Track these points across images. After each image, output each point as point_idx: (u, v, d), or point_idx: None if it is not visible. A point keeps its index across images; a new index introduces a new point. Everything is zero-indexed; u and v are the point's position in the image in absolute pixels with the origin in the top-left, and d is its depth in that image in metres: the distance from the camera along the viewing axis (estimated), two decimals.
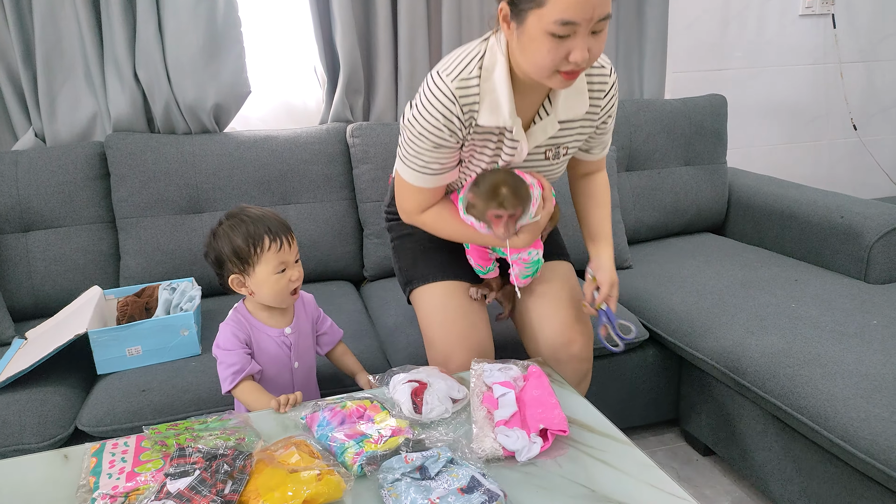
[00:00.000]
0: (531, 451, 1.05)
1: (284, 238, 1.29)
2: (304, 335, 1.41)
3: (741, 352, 1.59)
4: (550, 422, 1.10)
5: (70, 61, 1.97)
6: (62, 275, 1.90)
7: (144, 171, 1.94)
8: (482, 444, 1.06)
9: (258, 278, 1.29)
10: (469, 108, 1.22)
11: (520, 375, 1.25)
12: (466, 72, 1.20)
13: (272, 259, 1.27)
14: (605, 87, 1.32)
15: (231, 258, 1.29)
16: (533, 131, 1.30)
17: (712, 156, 2.45)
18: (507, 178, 1.24)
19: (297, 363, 1.38)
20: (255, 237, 1.27)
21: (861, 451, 1.25)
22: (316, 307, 1.47)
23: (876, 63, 2.89)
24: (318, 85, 2.26)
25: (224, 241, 1.29)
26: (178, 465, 0.96)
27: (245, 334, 1.33)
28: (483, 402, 1.17)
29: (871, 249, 1.91)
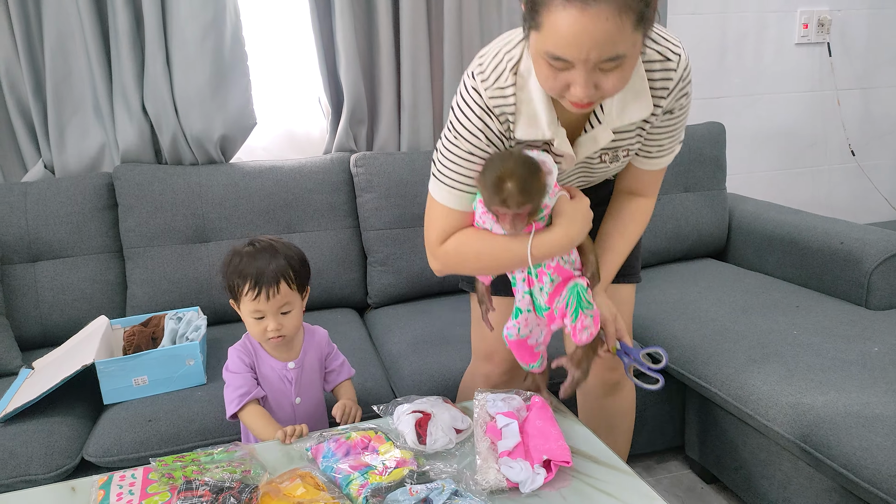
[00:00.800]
0: (535, 482, 1.06)
1: (265, 290, 1.26)
2: (310, 371, 1.41)
3: (744, 380, 1.59)
4: (553, 452, 1.10)
5: (79, 94, 2.01)
6: (69, 304, 1.92)
7: (152, 202, 1.97)
8: (486, 476, 1.06)
9: (242, 313, 1.33)
10: (506, 118, 1.09)
11: (523, 406, 1.24)
12: (501, 80, 1.06)
13: (248, 304, 1.29)
14: (669, 85, 1.10)
15: (227, 288, 1.33)
16: (581, 142, 1.14)
17: (712, 182, 2.47)
18: (516, 169, 1.04)
19: (298, 399, 1.38)
20: (239, 275, 1.28)
21: (864, 480, 1.26)
22: (329, 344, 1.46)
23: (872, 90, 2.93)
24: (322, 115, 2.30)
25: (225, 266, 1.33)
26: (185, 499, 0.97)
27: (250, 360, 1.36)
28: (486, 433, 1.16)
29: (871, 275, 1.93)
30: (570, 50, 0.91)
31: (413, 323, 1.97)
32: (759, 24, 2.71)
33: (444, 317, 2.00)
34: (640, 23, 0.91)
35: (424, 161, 2.19)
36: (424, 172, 2.16)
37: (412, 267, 2.14)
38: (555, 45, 0.91)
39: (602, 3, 0.86)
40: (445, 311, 2.04)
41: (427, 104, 2.27)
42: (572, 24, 0.88)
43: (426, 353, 1.77)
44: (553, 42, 0.91)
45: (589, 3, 0.86)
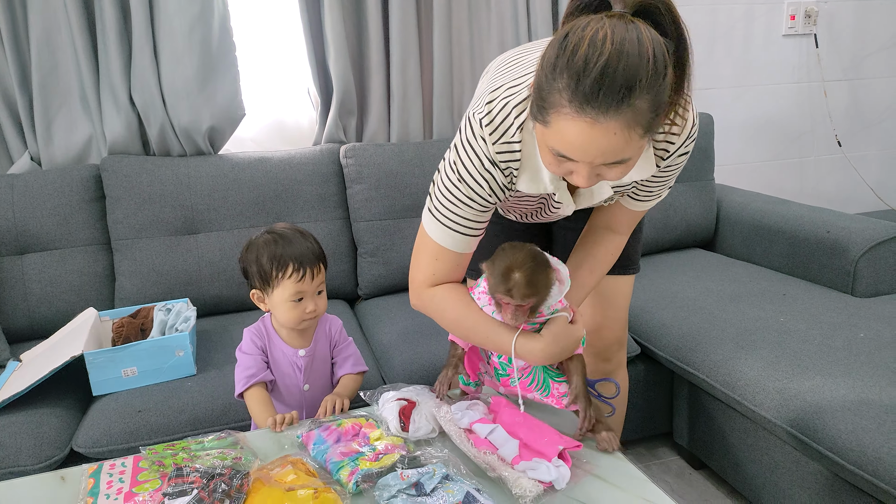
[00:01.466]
0: (565, 476, 1.02)
1: (309, 269, 1.30)
2: (321, 360, 1.42)
3: (731, 366, 1.61)
4: (562, 442, 1.08)
5: (66, 86, 2.00)
6: (58, 297, 1.91)
7: (140, 193, 1.95)
8: (521, 485, 1.00)
9: (275, 300, 1.32)
10: (510, 172, 1.09)
11: (486, 409, 1.20)
12: (508, 135, 1.04)
13: (290, 287, 1.29)
14: (671, 148, 1.10)
15: (255, 274, 1.32)
16: (582, 193, 1.16)
17: (700, 173, 2.49)
18: (526, 262, 1.06)
19: (307, 386, 1.39)
20: (280, 260, 1.28)
21: (850, 462, 1.27)
22: (340, 333, 1.45)
23: (858, 81, 2.95)
24: (311, 106, 2.30)
25: (253, 255, 1.32)
26: (176, 485, 0.97)
27: (263, 343, 1.37)
28: (478, 447, 1.10)
29: (857, 263, 1.95)
30: (576, 154, 0.90)
31: (403, 314, 1.97)
32: (747, 15, 2.73)
33: None
34: (648, 132, 0.89)
35: (414, 152, 2.18)
36: (414, 163, 2.16)
37: (402, 258, 2.14)
38: (560, 146, 0.91)
39: (612, 119, 0.85)
40: None
41: (417, 95, 2.27)
42: (580, 134, 0.87)
43: (416, 343, 1.78)
44: (559, 143, 0.91)
45: (599, 119, 0.85)
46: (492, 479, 1.04)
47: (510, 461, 1.06)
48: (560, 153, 0.92)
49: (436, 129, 2.34)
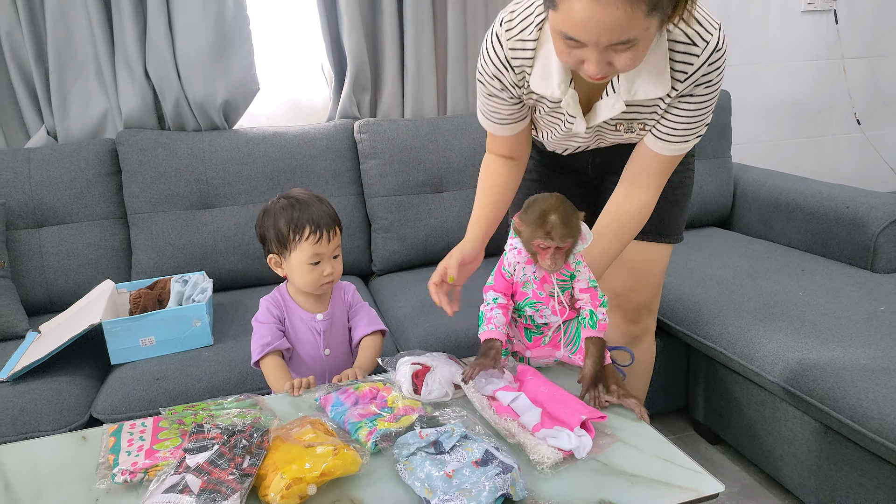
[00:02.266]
0: (586, 445, 1.01)
1: (326, 231, 1.30)
2: (339, 324, 1.42)
3: (749, 338, 1.60)
4: (586, 411, 1.06)
5: (81, 60, 2.00)
6: (75, 269, 1.92)
7: (155, 168, 1.96)
8: (540, 452, 0.99)
9: (292, 264, 1.32)
10: (522, 70, 1.15)
11: (512, 378, 1.20)
12: (525, 33, 1.11)
13: (308, 249, 1.30)
14: (689, 69, 1.09)
15: (272, 238, 1.32)
16: (595, 107, 1.16)
17: (717, 150, 2.46)
18: (559, 206, 1.10)
19: (327, 350, 1.40)
20: (297, 223, 1.29)
21: (871, 430, 1.26)
22: (354, 295, 1.46)
23: (879, 58, 2.91)
24: (325, 82, 2.29)
25: (270, 220, 1.32)
26: (196, 441, 0.97)
27: (280, 311, 1.37)
28: (500, 413, 1.09)
29: (877, 239, 1.93)
30: (582, 33, 0.93)
31: (418, 288, 1.97)
32: None
33: None
34: (655, 9, 0.91)
35: (429, 127, 2.18)
36: (429, 139, 2.16)
37: (417, 234, 2.14)
38: (567, 26, 0.94)
39: None
40: None
41: (431, 70, 2.26)
42: (584, 9, 0.90)
43: (432, 315, 1.77)
44: (566, 24, 0.94)
45: None
46: (511, 446, 1.03)
47: (531, 429, 1.05)
48: (568, 35, 0.95)
49: (450, 104, 2.33)
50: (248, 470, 0.93)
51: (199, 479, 0.90)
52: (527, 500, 0.91)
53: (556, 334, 1.24)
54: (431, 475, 0.93)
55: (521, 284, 1.22)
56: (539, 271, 1.19)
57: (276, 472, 0.92)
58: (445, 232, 2.15)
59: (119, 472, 0.97)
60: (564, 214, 1.09)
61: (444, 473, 0.93)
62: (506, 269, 1.22)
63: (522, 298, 1.24)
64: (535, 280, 1.21)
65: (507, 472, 0.92)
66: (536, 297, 1.22)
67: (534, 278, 1.21)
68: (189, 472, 0.92)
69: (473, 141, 2.19)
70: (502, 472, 0.92)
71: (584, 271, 1.20)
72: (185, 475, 0.91)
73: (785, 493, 1.63)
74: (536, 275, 1.20)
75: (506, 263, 1.22)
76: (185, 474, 0.92)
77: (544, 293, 1.21)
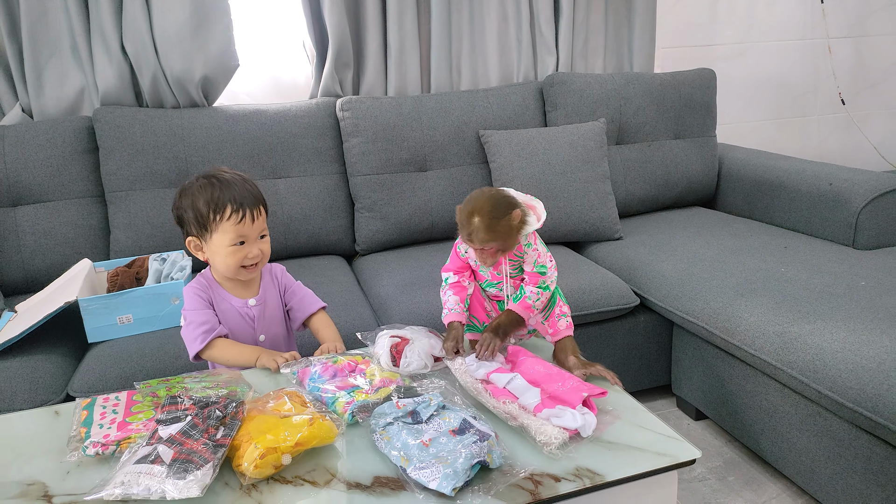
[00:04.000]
0: (591, 423, 0.99)
1: (249, 211, 1.21)
2: (272, 308, 1.35)
3: (731, 312, 1.60)
4: (586, 388, 1.05)
5: (56, 34, 1.96)
6: (52, 249, 1.89)
7: (133, 145, 1.93)
8: (546, 432, 0.95)
9: (213, 246, 1.24)
10: None
11: (503, 359, 1.20)
12: None
13: (230, 230, 1.21)
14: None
15: (191, 220, 1.23)
16: None
17: (702, 129, 2.46)
18: (485, 207, 1.14)
19: (262, 336, 1.33)
20: (217, 203, 1.20)
21: (849, 400, 1.27)
22: (285, 275, 1.40)
23: (863, 38, 2.91)
24: (307, 60, 2.26)
25: (188, 200, 1.23)
26: (169, 412, 0.96)
27: (208, 296, 1.29)
28: (497, 396, 1.07)
29: (859, 215, 1.93)
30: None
31: (402, 267, 1.96)
32: None
33: (434, 261, 1.98)
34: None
35: (412, 105, 2.15)
36: (412, 116, 2.13)
37: (400, 213, 2.12)
38: None
39: None
40: (435, 256, 2.03)
41: (414, 48, 2.23)
42: None
43: (415, 293, 1.76)
44: None
45: None
46: (513, 429, 1.00)
47: (532, 410, 1.02)
48: None
49: (434, 82, 2.31)
50: (221, 440, 0.92)
51: (172, 449, 0.89)
52: (504, 468, 0.91)
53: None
54: (408, 444, 0.92)
55: (478, 267, 1.27)
56: None
57: (250, 443, 0.91)
58: (429, 211, 2.14)
59: (90, 444, 0.96)
60: (490, 217, 1.13)
61: (420, 442, 0.92)
62: (460, 248, 1.26)
63: (482, 280, 1.28)
64: None
65: (485, 439, 0.92)
66: (494, 276, 1.26)
67: None
68: (161, 443, 0.90)
69: (457, 119, 2.17)
70: (479, 439, 0.92)
71: (531, 255, 1.22)
72: (157, 446, 0.90)
73: (765, 466, 1.64)
74: None
75: (461, 245, 1.25)
76: (157, 445, 0.90)
77: (502, 274, 1.24)
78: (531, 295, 1.21)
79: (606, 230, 2.14)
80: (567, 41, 2.41)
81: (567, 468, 0.91)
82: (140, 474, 0.86)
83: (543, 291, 1.22)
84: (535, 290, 1.21)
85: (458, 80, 2.37)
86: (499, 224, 1.13)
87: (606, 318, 1.83)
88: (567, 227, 2.11)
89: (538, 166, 2.08)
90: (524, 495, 0.86)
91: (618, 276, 1.92)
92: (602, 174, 2.15)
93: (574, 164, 2.12)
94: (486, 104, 2.23)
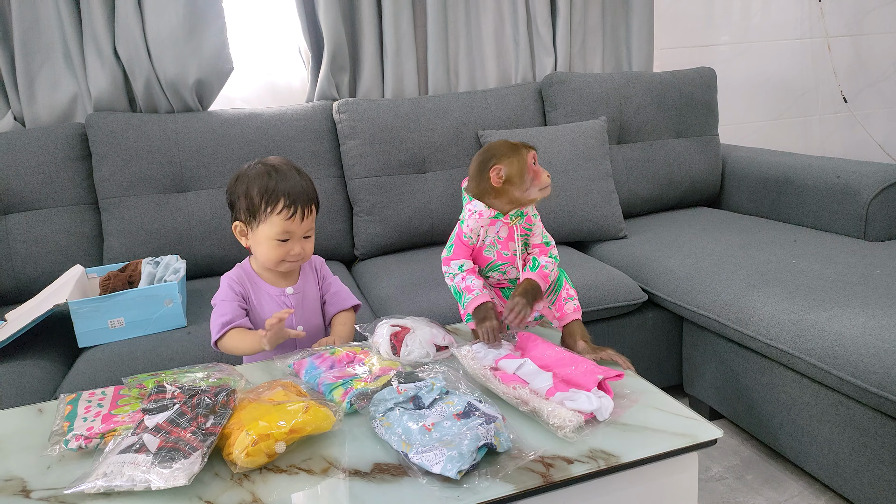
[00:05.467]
0: (607, 406, 0.94)
1: (300, 209, 1.21)
2: (311, 298, 1.33)
3: (744, 303, 1.54)
4: (601, 371, 1.00)
5: (48, 41, 1.94)
6: (43, 257, 1.84)
7: (126, 150, 1.89)
8: (560, 416, 0.90)
9: (258, 236, 1.23)
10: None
11: (512, 346, 1.14)
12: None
13: (278, 224, 1.20)
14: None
15: (242, 207, 1.23)
16: None
17: (704, 128, 2.42)
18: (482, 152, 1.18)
19: (300, 326, 1.30)
20: (271, 194, 1.19)
21: (873, 385, 1.21)
22: (323, 267, 1.39)
23: (862, 36, 2.89)
24: (302, 65, 2.24)
25: (242, 186, 1.23)
26: (156, 401, 0.91)
27: (243, 289, 1.27)
28: (506, 382, 1.01)
29: (869, 206, 1.88)
30: None
31: (402, 270, 1.91)
32: None
33: (436, 263, 1.88)
34: None
35: (409, 107, 2.12)
36: (410, 118, 2.10)
37: (399, 216, 2.08)
38: None
39: None
40: (436, 259, 1.93)
41: (410, 50, 2.21)
42: None
43: (416, 294, 1.71)
44: None
45: None
46: (523, 415, 0.94)
47: (544, 394, 0.97)
48: None
49: (431, 84, 2.28)
50: (211, 429, 0.86)
51: (158, 438, 0.84)
52: (512, 452, 0.85)
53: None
54: (409, 429, 0.87)
55: (482, 249, 1.20)
56: (503, 230, 1.18)
57: (241, 430, 0.86)
58: (429, 213, 2.10)
59: (73, 437, 0.90)
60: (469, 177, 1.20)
61: (422, 426, 0.87)
62: (467, 237, 1.19)
63: (486, 263, 1.22)
64: (500, 240, 1.19)
65: (491, 421, 0.86)
66: (501, 257, 1.21)
67: (497, 238, 1.19)
68: (147, 432, 0.85)
69: (456, 120, 2.14)
70: (485, 422, 0.86)
71: (539, 225, 1.21)
72: (142, 435, 0.85)
73: (785, 463, 1.58)
74: (500, 234, 1.19)
75: (466, 230, 1.19)
76: (142, 434, 0.85)
77: (509, 252, 1.20)
78: (547, 264, 1.18)
79: (611, 229, 2.09)
80: (565, 42, 2.39)
81: (580, 450, 0.85)
82: (124, 464, 0.81)
83: (554, 261, 1.19)
84: (548, 259, 1.18)
85: (455, 83, 2.35)
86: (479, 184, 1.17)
87: (614, 314, 1.77)
88: (570, 226, 2.07)
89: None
90: (535, 478, 0.80)
91: (624, 273, 1.87)
92: (604, 172, 2.11)
93: (576, 162, 2.08)
94: (484, 105, 2.20)
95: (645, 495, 0.88)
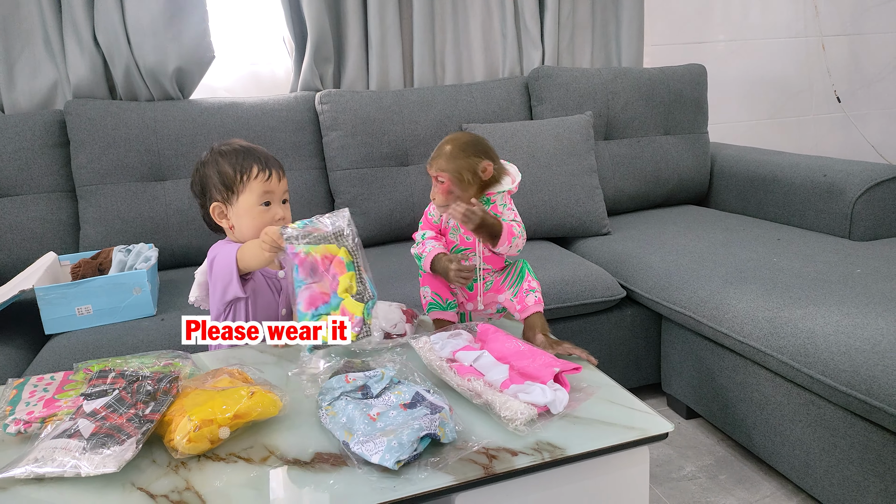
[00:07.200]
0: (562, 399, 0.91)
1: (274, 170, 1.22)
2: None
3: (719, 300, 1.52)
4: (558, 364, 0.98)
5: (28, 27, 1.92)
6: (19, 244, 1.83)
7: (104, 138, 1.88)
8: (512, 409, 0.88)
9: (240, 209, 1.21)
10: None
11: (472, 338, 1.11)
12: None
13: (257, 188, 1.20)
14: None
15: (216, 185, 1.22)
16: None
17: (693, 125, 2.40)
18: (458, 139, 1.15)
19: (284, 311, 1.29)
20: (243, 163, 1.21)
21: (842, 383, 1.18)
22: None
23: (858, 36, 2.86)
24: (286, 54, 2.22)
25: (211, 167, 1.23)
26: (96, 386, 0.89)
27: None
28: (462, 374, 0.99)
29: (854, 205, 1.86)
30: None
31: (382, 262, 1.89)
32: None
33: None
34: None
35: (393, 99, 2.10)
36: (393, 110, 2.08)
37: (381, 208, 2.06)
38: None
39: None
40: None
41: (396, 41, 2.19)
42: None
43: (395, 286, 1.69)
44: None
45: None
46: (476, 408, 0.92)
47: (499, 386, 0.95)
48: None
49: (416, 77, 2.26)
50: (150, 416, 0.84)
51: (93, 423, 0.82)
52: (458, 443, 0.83)
53: (497, 279, 1.21)
54: (354, 418, 0.85)
55: (447, 230, 1.21)
56: None
57: (183, 416, 0.84)
58: (411, 206, 2.07)
59: (12, 421, 0.88)
60: (459, 150, 1.12)
61: (367, 416, 0.85)
62: (431, 214, 1.23)
63: (450, 247, 1.22)
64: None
65: (437, 411, 0.84)
66: (464, 242, 1.20)
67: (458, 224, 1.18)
68: (83, 417, 0.83)
69: (440, 113, 2.12)
70: (430, 412, 0.84)
71: (507, 213, 1.19)
72: (79, 421, 0.83)
73: (758, 464, 1.55)
74: None
75: (431, 209, 1.22)
76: (79, 420, 0.83)
77: (471, 238, 1.19)
78: (515, 225, 1.17)
79: (593, 225, 2.07)
80: (553, 36, 2.37)
81: (527, 443, 0.83)
82: (55, 450, 0.79)
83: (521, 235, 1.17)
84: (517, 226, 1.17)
85: (441, 76, 2.33)
86: (464, 161, 1.13)
87: (591, 310, 1.75)
88: (552, 222, 2.05)
89: (522, 159, 2.02)
90: (476, 469, 0.78)
91: (604, 269, 1.85)
92: (589, 167, 2.09)
93: (559, 156, 2.05)
94: (469, 98, 2.18)
95: (594, 489, 0.86)
